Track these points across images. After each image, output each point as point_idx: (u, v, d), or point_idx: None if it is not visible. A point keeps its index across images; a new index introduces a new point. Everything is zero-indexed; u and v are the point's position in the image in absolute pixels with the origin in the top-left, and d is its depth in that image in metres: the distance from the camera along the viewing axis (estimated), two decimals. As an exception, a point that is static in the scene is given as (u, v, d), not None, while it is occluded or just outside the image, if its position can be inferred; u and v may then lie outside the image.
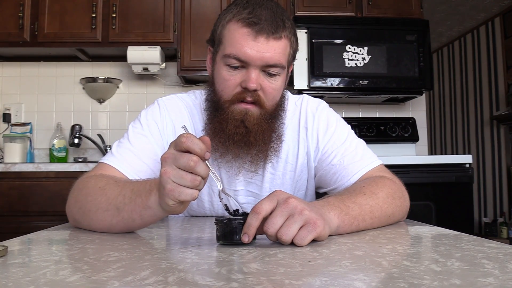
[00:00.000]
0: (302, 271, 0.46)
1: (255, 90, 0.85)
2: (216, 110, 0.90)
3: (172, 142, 0.62)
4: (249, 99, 0.86)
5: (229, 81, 0.86)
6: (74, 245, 0.66)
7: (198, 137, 0.60)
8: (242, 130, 0.87)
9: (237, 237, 0.61)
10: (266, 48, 0.83)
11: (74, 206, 0.81)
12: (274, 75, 0.87)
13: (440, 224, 1.29)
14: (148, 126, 0.95)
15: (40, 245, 0.66)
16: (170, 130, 0.97)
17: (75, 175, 0.88)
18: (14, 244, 0.65)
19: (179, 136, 0.60)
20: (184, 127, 0.65)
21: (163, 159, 0.61)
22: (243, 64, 0.85)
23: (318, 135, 0.99)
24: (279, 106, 0.94)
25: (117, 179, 0.80)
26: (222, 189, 0.65)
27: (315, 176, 1.02)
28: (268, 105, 0.89)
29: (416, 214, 1.00)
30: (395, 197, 0.85)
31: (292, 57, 0.92)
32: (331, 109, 1.06)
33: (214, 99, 0.91)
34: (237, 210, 0.65)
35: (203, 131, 0.94)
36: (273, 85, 0.88)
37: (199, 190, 0.60)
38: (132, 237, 0.71)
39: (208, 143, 0.60)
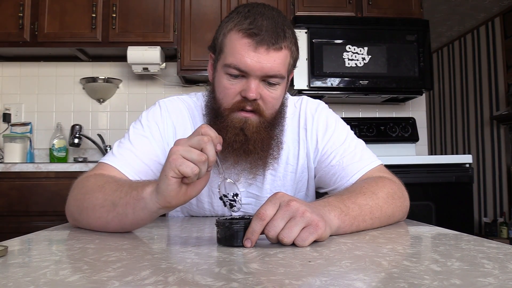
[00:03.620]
0: (302, 271, 0.46)
1: (254, 100, 0.86)
2: (216, 117, 0.91)
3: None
4: (248, 108, 0.87)
5: (229, 89, 0.87)
6: (74, 245, 0.66)
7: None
8: (241, 138, 0.88)
9: (239, 241, 0.61)
10: (266, 59, 0.84)
11: (73, 205, 0.82)
12: (274, 84, 0.88)
13: (440, 224, 1.29)
14: (149, 127, 0.95)
15: (40, 245, 0.66)
16: (170, 132, 0.97)
17: (75, 175, 0.88)
18: (14, 244, 0.65)
19: (200, 126, 0.65)
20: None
21: (177, 141, 0.64)
22: (243, 74, 0.85)
23: (317, 136, 1.00)
24: (279, 114, 0.94)
25: (117, 179, 0.81)
26: (223, 175, 0.70)
27: (315, 177, 1.02)
28: (267, 113, 0.90)
29: (416, 214, 1.00)
30: (395, 197, 0.85)
31: (292, 66, 0.93)
32: (330, 110, 1.06)
33: (214, 107, 0.92)
34: (236, 194, 0.70)
35: None
36: (272, 95, 0.88)
37: (200, 177, 0.63)
38: (132, 237, 0.71)
39: (220, 139, 0.66)
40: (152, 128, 0.95)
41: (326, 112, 1.04)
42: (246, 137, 0.88)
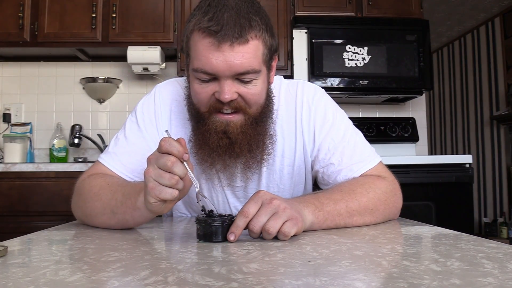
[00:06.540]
0: (302, 271, 0.46)
1: (231, 101, 0.80)
2: (198, 121, 0.86)
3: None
4: (226, 110, 0.82)
5: (202, 94, 0.81)
6: (74, 245, 0.66)
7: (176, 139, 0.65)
8: (225, 142, 0.83)
9: (220, 237, 0.65)
10: (233, 56, 0.76)
11: (77, 210, 0.90)
12: (250, 80, 0.80)
13: (440, 224, 1.29)
14: (144, 124, 0.95)
15: (40, 245, 0.66)
16: (166, 120, 0.96)
17: (75, 175, 0.89)
18: (14, 244, 0.65)
19: (160, 139, 0.65)
20: (166, 131, 0.70)
21: (148, 160, 0.66)
22: (214, 76, 0.79)
23: (315, 129, 0.96)
24: (266, 107, 0.89)
25: (110, 183, 0.85)
26: (198, 191, 0.68)
27: (311, 170, 1.00)
28: (252, 110, 0.84)
29: (416, 214, 1.01)
30: (378, 192, 0.85)
31: (269, 55, 0.84)
32: (327, 97, 1.01)
33: (193, 112, 0.88)
34: (211, 210, 0.69)
35: (190, 142, 0.90)
36: (251, 91, 0.81)
37: (179, 190, 0.65)
38: (132, 237, 0.71)
39: (183, 144, 0.65)
40: (147, 125, 0.95)
41: (324, 101, 0.99)
42: (231, 140, 0.83)
